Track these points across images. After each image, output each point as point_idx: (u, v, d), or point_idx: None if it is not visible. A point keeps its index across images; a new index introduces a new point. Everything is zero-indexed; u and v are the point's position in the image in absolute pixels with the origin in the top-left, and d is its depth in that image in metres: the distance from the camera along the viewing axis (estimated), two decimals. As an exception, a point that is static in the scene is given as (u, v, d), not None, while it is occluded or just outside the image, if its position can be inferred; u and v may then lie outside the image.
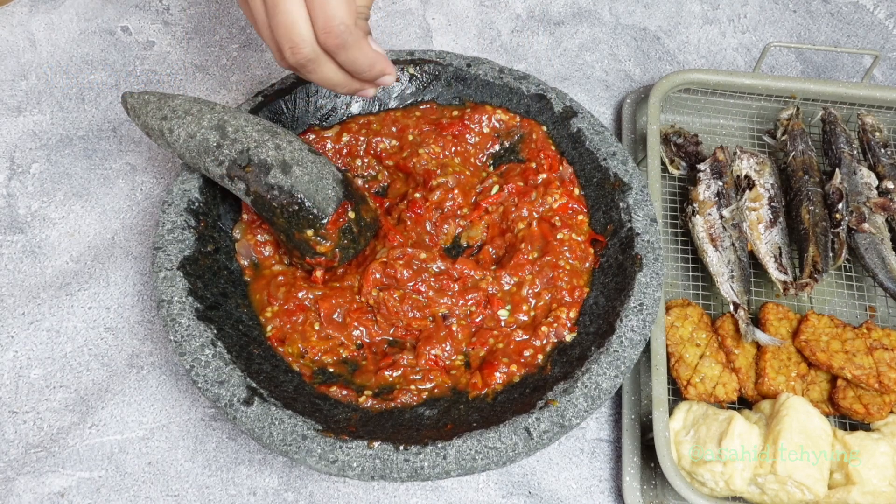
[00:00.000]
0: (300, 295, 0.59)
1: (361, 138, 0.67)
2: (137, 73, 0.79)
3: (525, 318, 0.60)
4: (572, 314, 0.60)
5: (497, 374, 0.57)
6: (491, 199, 0.65)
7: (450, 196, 0.65)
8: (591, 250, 0.63)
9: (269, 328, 0.58)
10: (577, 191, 0.66)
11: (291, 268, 0.61)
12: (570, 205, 0.65)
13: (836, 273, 0.73)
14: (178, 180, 0.60)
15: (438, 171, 0.66)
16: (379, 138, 0.68)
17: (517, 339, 0.59)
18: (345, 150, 0.67)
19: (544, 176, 0.66)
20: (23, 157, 0.73)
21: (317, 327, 0.58)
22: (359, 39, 0.49)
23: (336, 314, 0.59)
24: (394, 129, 0.68)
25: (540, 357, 0.58)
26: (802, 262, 0.68)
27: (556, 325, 0.59)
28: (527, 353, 0.58)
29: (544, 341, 0.59)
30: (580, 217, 0.65)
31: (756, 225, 0.70)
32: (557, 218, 0.64)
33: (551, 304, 0.61)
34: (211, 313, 0.56)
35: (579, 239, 0.63)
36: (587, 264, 0.63)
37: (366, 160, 0.68)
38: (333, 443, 0.50)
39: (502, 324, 0.60)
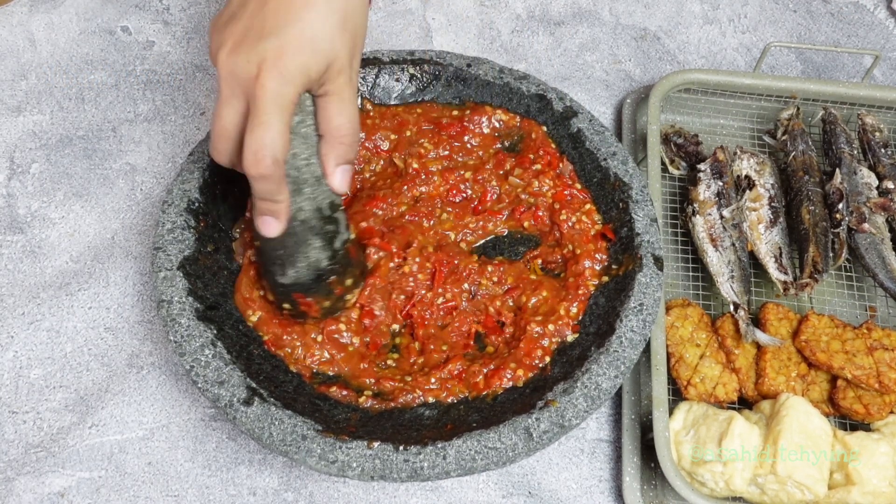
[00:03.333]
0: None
1: (361, 133, 0.67)
2: (137, 73, 0.79)
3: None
4: (574, 310, 0.60)
5: (503, 378, 0.57)
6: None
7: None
8: (604, 244, 0.63)
9: (262, 333, 0.58)
10: (578, 185, 0.66)
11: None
12: (567, 192, 0.65)
13: (837, 273, 0.73)
14: (178, 180, 0.60)
15: (423, 176, 0.66)
16: (377, 133, 0.68)
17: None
18: None
19: (539, 166, 0.66)
20: (23, 157, 0.73)
21: (319, 339, 0.58)
22: (279, 181, 0.48)
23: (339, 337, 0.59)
24: (395, 121, 0.69)
25: (548, 359, 0.58)
26: (802, 262, 0.68)
27: (559, 323, 0.59)
28: (536, 355, 0.58)
29: (550, 340, 0.58)
30: (587, 206, 0.65)
31: (756, 225, 0.70)
32: (558, 203, 0.64)
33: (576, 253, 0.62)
34: (211, 313, 0.56)
35: (587, 223, 0.63)
36: (598, 255, 0.63)
37: (362, 153, 0.68)
38: (333, 443, 0.50)
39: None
